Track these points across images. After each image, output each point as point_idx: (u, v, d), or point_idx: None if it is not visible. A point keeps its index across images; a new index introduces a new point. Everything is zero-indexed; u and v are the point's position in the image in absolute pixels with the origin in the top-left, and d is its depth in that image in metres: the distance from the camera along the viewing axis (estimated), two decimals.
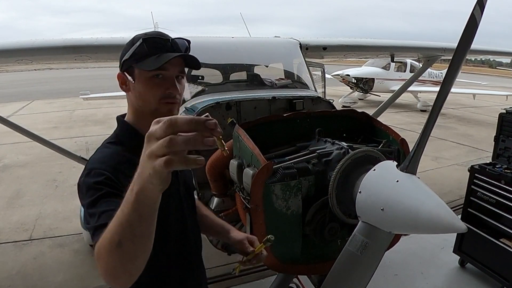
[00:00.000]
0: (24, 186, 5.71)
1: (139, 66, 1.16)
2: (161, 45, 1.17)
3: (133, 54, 1.17)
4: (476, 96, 13.21)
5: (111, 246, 0.78)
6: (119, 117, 1.31)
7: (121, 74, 1.22)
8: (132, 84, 1.20)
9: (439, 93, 1.30)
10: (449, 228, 1.21)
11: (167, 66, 1.15)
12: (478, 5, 1.21)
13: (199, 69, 1.28)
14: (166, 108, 1.19)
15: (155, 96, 1.17)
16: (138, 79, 1.18)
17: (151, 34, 1.20)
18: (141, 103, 1.20)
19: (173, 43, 1.19)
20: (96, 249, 0.84)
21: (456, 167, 6.66)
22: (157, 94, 1.17)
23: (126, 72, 1.20)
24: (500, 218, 3.01)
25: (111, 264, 0.80)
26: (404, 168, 1.35)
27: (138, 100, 1.21)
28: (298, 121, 2.15)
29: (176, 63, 1.18)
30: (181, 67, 1.20)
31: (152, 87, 1.17)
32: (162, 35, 1.20)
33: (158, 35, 1.20)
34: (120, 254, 0.78)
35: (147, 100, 1.19)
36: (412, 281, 3.30)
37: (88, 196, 1.04)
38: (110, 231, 0.79)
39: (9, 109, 12.52)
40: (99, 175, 1.06)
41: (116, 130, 1.28)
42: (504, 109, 3.27)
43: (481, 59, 33.25)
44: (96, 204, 1.01)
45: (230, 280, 3.27)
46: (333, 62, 8.98)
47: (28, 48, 2.89)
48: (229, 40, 3.39)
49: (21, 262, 3.59)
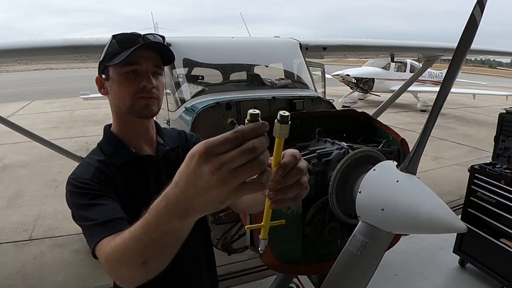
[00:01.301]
0: (24, 186, 5.71)
1: (111, 63, 1.14)
2: (132, 40, 1.13)
3: (106, 54, 1.16)
4: (476, 96, 13.21)
5: (133, 263, 0.73)
6: (106, 126, 1.28)
7: (98, 77, 1.20)
8: (107, 84, 1.18)
9: (439, 93, 1.30)
10: (449, 228, 1.21)
11: (139, 60, 1.13)
12: (478, 5, 1.21)
13: (174, 61, 1.25)
14: (141, 104, 1.16)
15: (129, 91, 1.14)
16: (111, 77, 1.16)
17: (123, 34, 1.17)
18: (117, 102, 1.18)
19: (145, 38, 1.16)
20: (104, 256, 0.82)
21: (456, 167, 6.65)
22: (131, 89, 1.14)
23: (102, 74, 1.19)
24: (500, 218, 3.01)
25: (131, 276, 0.76)
26: (404, 168, 1.35)
27: (114, 99, 1.18)
28: (298, 121, 2.15)
29: (149, 56, 1.15)
30: (155, 61, 1.17)
31: (125, 83, 1.14)
32: (133, 33, 1.18)
33: (130, 32, 1.17)
34: (145, 271, 0.73)
35: (122, 97, 1.16)
36: (412, 281, 3.30)
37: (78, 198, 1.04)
38: (131, 249, 0.72)
39: (9, 109, 12.52)
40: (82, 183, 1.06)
41: (100, 141, 1.25)
42: (504, 109, 3.27)
43: (481, 59, 33.27)
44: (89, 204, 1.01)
45: (230, 280, 3.28)
46: (333, 62, 8.98)
47: (28, 48, 2.89)
48: (229, 40, 3.39)
49: (21, 262, 3.59)
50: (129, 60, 1.11)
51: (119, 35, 1.15)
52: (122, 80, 1.14)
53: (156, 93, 1.18)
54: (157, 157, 1.24)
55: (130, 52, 1.10)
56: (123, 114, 1.20)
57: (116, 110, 1.21)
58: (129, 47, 1.11)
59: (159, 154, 1.24)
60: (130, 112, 1.19)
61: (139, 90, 1.14)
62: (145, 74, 1.15)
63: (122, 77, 1.14)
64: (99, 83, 1.21)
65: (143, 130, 1.23)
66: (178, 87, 2.92)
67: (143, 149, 1.23)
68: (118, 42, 1.14)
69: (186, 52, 3.05)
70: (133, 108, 1.17)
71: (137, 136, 1.23)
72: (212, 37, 3.55)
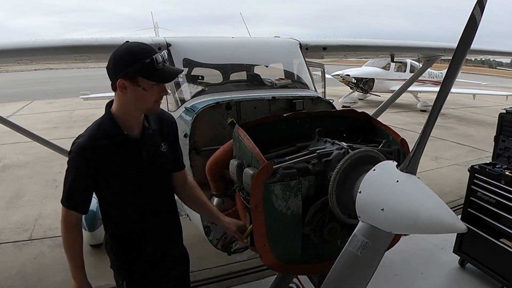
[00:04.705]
0: (24, 186, 5.71)
1: (150, 78, 1.52)
2: (161, 60, 1.53)
3: (142, 67, 1.49)
4: (476, 96, 13.21)
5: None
6: (107, 106, 1.66)
7: (123, 80, 1.51)
8: (133, 88, 1.52)
9: (439, 93, 1.30)
10: (449, 228, 1.21)
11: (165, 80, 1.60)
12: (478, 5, 1.21)
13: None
14: (157, 106, 1.63)
15: (153, 98, 1.58)
16: (141, 85, 1.52)
17: (148, 49, 1.53)
18: (139, 104, 1.58)
19: (163, 56, 1.55)
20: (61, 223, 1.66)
21: (456, 167, 6.65)
22: (154, 97, 1.58)
23: (129, 80, 1.51)
24: (500, 218, 3.01)
25: None
26: (404, 168, 1.35)
27: (137, 101, 1.56)
28: (298, 121, 2.15)
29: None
30: None
31: (153, 93, 1.56)
32: (153, 51, 1.53)
33: (153, 51, 1.53)
34: None
35: (147, 102, 1.58)
36: (412, 281, 3.30)
37: None
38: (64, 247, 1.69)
39: (9, 109, 12.51)
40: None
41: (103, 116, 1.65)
42: (504, 109, 3.27)
43: (481, 59, 33.27)
44: None
45: (230, 280, 3.28)
46: (333, 62, 8.98)
47: (28, 48, 2.89)
48: (229, 40, 3.38)
49: (21, 262, 3.59)
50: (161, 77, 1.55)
51: (152, 56, 1.50)
52: (151, 90, 1.54)
53: None
54: (142, 139, 1.67)
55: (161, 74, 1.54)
56: (138, 110, 1.61)
57: (131, 105, 1.58)
58: (159, 68, 1.52)
59: (143, 136, 1.67)
60: (146, 111, 1.65)
61: (159, 98, 1.60)
62: (163, 86, 1.59)
63: (152, 88, 1.54)
64: (122, 85, 1.52)
65: (138, 117, 1.66)
66: (178, 87, 2.92)
67: (133, 130, 1.65)
68: (156, 64, 1.50)
69: (186, 52, 3.04)
70: (151, 109, 1.63)
71: (133, 120, 1.64)
72: (212, 37, 3.54)
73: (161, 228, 1.78)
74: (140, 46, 1.54)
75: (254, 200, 1.67)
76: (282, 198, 1.68)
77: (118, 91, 1.56)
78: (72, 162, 1.58)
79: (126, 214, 1.72)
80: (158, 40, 2.97)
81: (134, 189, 1.67)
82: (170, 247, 1.88)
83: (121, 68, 1.51)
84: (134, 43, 1.56)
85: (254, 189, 1.66)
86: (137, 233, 1.75)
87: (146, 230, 1.75)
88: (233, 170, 1.95)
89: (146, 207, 1.72)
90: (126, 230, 1.76)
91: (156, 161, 1.71)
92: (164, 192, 1.80)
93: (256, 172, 1.67)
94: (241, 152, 1.91)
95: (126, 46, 1.54)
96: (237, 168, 1.91)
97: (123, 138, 1.61)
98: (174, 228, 1.91)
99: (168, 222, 1.84)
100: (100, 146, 1.56)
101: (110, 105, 1.65)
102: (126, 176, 1.64)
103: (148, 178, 1.69)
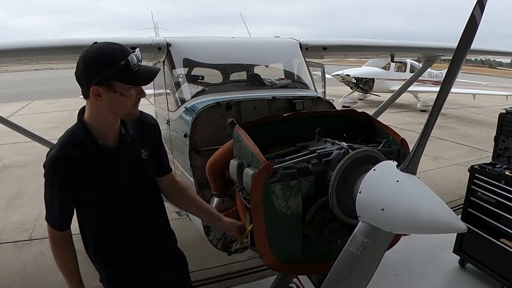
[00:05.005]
0: (24, 186, 5.71)
1: (127, 82, 1.40)
2: (137, 60, 1.41)
3: (115, 72, 1.37)
4: (476, 96, 13.21)
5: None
6: (80, 112, 1.54)
7: (97, 87, 1.39)
8: (108, 94, 1.40)
9: (439, 93, 1.30)
10: (449, 228, 1.21)
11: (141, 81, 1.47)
12: (478, 5, 1.21)
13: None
14: (135, 110, 1.52)
15: (131, 102, 1.47)
16: (118, 90, 1.41)
17: (121, 50, 1.40)
18: (117, 109, 1.46)
19: (137, 56, 1.43)
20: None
21: (456, 167, 6.65)
22: (132, 100, 1.46)
23: (103, 86, 1.39)
24: (500, 218, 3.01)
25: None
26: (404, 168, 1.35)
27: (114, 107, 1.44)
28: (298, 121, 2.15)
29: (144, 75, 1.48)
30: None
31: (130, 96, 1.45)
32: (126, 51, 1.40)
33: (126, 51, 1.40)
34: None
35: (125, 106, 1.46)
36: (412, 281, 3.30)
37: None
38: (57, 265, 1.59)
39: (9, 109, 12.51)
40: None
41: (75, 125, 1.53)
42: (504, 109, 3.27)
43: (481, 59, 33.25)
44: None
45: (230, 280, 3.27)
46: (333, 62, 8.97)
47: (28, 48, 2.88)
48: (229, 40, 3.38)
49: (21, 262, 3.60)
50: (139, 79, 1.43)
51: (126, 58, 1.37)
52: (129, 93, 1.43)
53: None
54: (118, 148, 1.55)
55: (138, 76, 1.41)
56: (109, 114, 1.47)
57: (105, 113, 1.46)
58: (135, 69, 1.39)
59: (120, 144, 1.55)
60: (124, 117, 1.52)
61: (137, 101, 1.49)
62: (141, 87, 1.48)
63: (129, 91, 1.43)
64: (96, 92, 1.40)
65: (114, 124, 1.53)
66: (178, 87, 2.92)
67: (109, 139, 1.52)
68: (130, 65, 1.37)
69: (186, 52, 3.04)
70: (130, 114, 1.50)
71: (108, 128, 1.52)
72: (212, 37, 3.54)
73: (144, 239, 1.68)
74: (111, 47, 1.40)
75: (254, 200, 1.67)
76: (282, 198, 1.68)
77: (91, 99, 1.42)
78: (46, 177, 1.49)
79: (105, 227, 1.62)
80: (158, 40, 2.97)
81: (112, 201, 1.56)
82: (158, 255, 1.77)
83: (94, 74, 1.37)
84: (105, 44, 1.41)
85: (254, 189, 1.66)
86: (118, 246, 1.65)
87: (128, 242, 1.65)
88: (233, 170, 1.95)
89: (125, 219, 1.61)
90: (106, 243, 1.65)
91: (136, 170, 1.60)
92: (146, 201, 1.67)
93: (256, 172, 1.67)
94: (241, 152, 1.91)
95: (96, 48, 1.40)
96: (237, 168, 1.91)
97: (97, 148, 1.49)
98: (162, 237, 1.78)
99: (154, 231, 1.72)
100: (73, 156, 1.45)
101: (83, 111, 1.52)
102: (102, 188, 1.53)
103: (127, 188, 1.58)
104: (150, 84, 1.54)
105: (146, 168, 1.64)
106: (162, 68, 3.10)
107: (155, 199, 1.73)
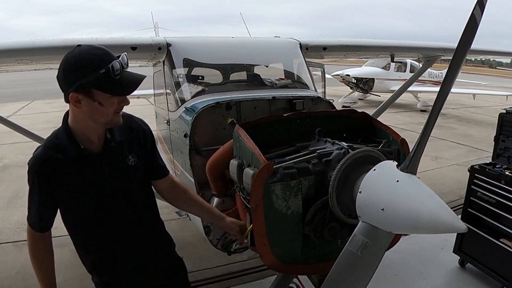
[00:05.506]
0: (24, 186, 5.61)
1: (106, 91, 1.35)
2: (119, 68, 1.35)
3: (94, 80, 1.32)
4: (476, 96, 13.22)
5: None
6: (65, 116, 1.50)
7: (76, 94, 1.35)
8: (88, 101, 1.36)
9: (439, 93, 1.30)
10: (449, 228, 1.21)
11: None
12: (478, 5, 1.21)
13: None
14: (118, 117, 1.46)
15: (112, 110, 1.41)
16: (97, 99, 1.36)
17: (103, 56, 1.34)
18: (98, 118, 1.41)
19: (121, 62, 1.38)
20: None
21: (456, 167, 6.65)
22: (113, 108, 1.41)
23: (83, 93, 1.35)
24: (500, 218, 3.01)
25: None
26: (404, 168, 1.35)
27: (94, 115, 1.40)
28: (298, 121, 2.15)
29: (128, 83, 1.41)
30: None
31: (111, 104, 1.40)
32: (109, 57, 1.35)
33: (109, 57, 1.35)
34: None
35: (105, 114, 1.40)
36: (412, 281, 3.30)
37: None
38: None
39: (9, 109, 12.52)
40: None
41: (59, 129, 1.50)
42: (504, 109, 3.27)
43: (481, 59, 33.26)
44: None
45: (230, 280, 3.27)
46: (333, 62, 8.98)
47: (28, 48, 2.88)
48: (229, 40, 3.38)
49: (21, 262, 3.59)
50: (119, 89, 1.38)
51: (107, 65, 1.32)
52: (109, 102, 1.38)
53: None
54: (103, 153, 1.50)
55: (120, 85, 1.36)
56: (90, 121, 1.42)
57: (86, 120, 1.42)
58: (116, 78, 1.33)
59: (105, 150, 1.50)
60: (106, 124, 1.46)
61: (119, 109, 1.44)
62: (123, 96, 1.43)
63: (109, 100, 1.38)
64: (75, 99, 1.36)
65: (98, 129, 1.48)
66: (178, 87, 2.92)
67: (93, 143, 1.48)
68: (113, 73, 1.32)
69: (186, 52, 3.04)
70: (111, 122, 1.45)
71: (92, 133, 1.47)
72: (212, 37, 3.54)
73: (133, 245, 1.63)
74: (93, 52, 1.34)
75: (254, 200, 1.67)
76: (282, 198, 1.68)
77: (71, 104, 1.41)
78: (28, 175, 1.48)
79: (88, 232, 1.58)
80: (158, 40, 2.97)
81: (93, 206, 1.52)
82: (152, 262, 1.71)
83: (72, 80, 1.33)
84: (87, 48, 1.36)
85: (254, 189, 1.66)
86: (105, 251, 1.61)
87: (115, 248, 1.61)
88: (233, 170, 1.95)
89: (110, 225, 1.57)
90: (92, 248, 1.61)
91: (122, 176, 1.54)
92: (134, 207, 1.61)
93: (256, 172, 1.67)
94: (241, 152, 1.91)
95: (78, 53, 1.35)
96: (237, 168, 1.91)
97: (79, 153, 1.45)
98: (154, 242, 1.72)
99: (145, 236, 1.66)
100: (55, 160, 1.42)
101: (68, 114, 1.50)
102: (83, 193, 1.49)
103: (112, 196, 1.53)
104: (150, 84, 1.51)
105: (133, 174, 1.58)
106: (162, 68, 3.10)
107: (144, 204, 1.67)
